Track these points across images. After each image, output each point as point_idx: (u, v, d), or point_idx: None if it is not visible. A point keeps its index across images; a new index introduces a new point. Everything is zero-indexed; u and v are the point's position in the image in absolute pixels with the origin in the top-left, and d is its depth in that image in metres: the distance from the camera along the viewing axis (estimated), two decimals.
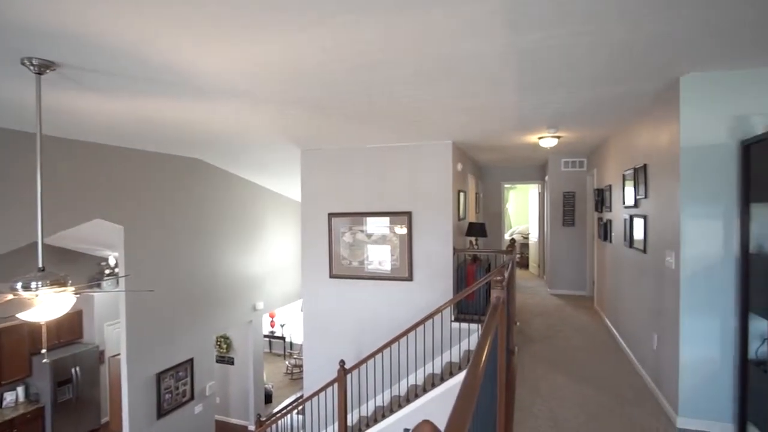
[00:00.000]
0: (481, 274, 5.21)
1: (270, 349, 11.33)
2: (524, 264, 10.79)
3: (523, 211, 11.97)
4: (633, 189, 4.20)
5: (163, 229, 5.57)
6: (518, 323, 5.58)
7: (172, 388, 5.70)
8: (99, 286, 6.82)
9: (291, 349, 11.06)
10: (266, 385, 8.55)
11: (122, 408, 5.19)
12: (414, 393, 4.64)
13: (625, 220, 4.56)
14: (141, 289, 4.94)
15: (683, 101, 2.94)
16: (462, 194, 6.11)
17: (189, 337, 5.97)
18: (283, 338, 11.16)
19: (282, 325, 11.15)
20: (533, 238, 9.85)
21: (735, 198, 2.85)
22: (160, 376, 5.48)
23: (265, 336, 10.71)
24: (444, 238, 5.35)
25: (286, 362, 10.38)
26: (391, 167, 5.53)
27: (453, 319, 5.10)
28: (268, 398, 8.55)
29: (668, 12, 1.99)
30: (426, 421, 0.74)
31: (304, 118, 3.97)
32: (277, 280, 8.10)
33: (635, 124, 4.13)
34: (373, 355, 4.56)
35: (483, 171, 9.11)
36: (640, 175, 3.94)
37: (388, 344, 4.48)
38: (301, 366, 8.38)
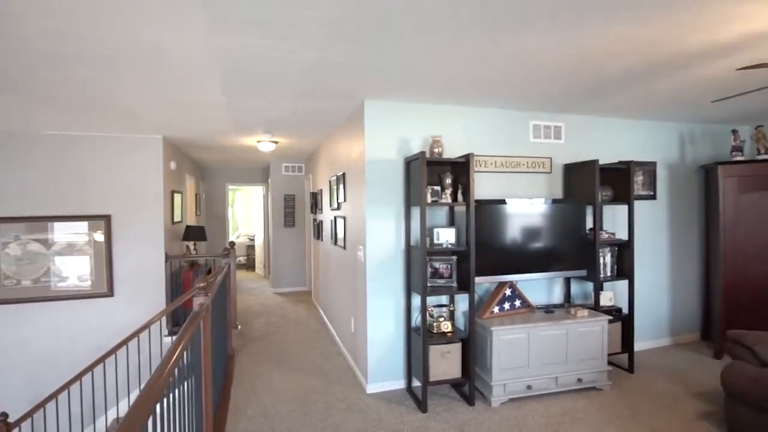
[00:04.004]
0: None
1: None
2: (251, 266, 10.85)
3: (249, 213, 12.02)
4: (336, 194, 4.81)
5: None
6: (239, 326, 5.55)
7: None
8: None
9: None
10: None
11: None
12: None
13: (331, 220, 5.17)
14: None
15: (367, 121, 3.55)
16: (178, 195, 5.63)
17: None
18: None
19: None
20: (259, 239, 10.01)
21: (402, 203, 3.63)
22: None
23: None
24: (154, 244, 4.80)
25: None
26: (83, 161, 4.58)
27: (167, 333, 4.64)
28: None
29: (341, 46, 2.35)
30: None
31: None
32: None
33: (339, 136, 4.74)
34: (55, 395, 3.64)
35: (205, 171, 8.67)
36: (341, 181, 4.54)
37: (78, 377, 3.67)
38: None
